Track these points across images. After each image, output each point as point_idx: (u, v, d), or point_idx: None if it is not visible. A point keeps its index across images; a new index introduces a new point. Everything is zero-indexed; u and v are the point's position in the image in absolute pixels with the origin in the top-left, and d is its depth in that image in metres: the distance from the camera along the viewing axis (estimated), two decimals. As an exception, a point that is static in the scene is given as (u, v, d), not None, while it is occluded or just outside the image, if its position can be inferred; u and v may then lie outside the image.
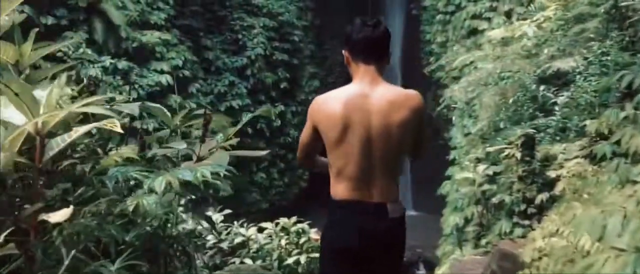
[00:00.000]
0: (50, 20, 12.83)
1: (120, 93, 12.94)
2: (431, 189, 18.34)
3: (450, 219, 10.84)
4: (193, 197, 8.98)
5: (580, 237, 3.68)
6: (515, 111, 10.27)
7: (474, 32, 16.98)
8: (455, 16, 18.11)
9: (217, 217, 7.99)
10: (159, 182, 2.50)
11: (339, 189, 2.80)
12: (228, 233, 7.86)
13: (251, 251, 7.66)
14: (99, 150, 3.61)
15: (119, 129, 2.92)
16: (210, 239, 7.63)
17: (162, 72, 14.03)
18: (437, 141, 20.28)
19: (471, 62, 14.72)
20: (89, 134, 3.52)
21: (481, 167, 7.82)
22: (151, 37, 13.94)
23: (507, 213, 7.09)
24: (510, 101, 9.65)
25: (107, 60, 13.01)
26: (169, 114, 3.87)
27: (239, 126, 4.17)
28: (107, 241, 2.70)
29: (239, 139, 4.54)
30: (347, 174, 2.76)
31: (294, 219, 8.04)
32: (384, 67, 2.87)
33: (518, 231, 6.82)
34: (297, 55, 19.03)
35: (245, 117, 4.50)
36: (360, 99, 2.74)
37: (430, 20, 19.97)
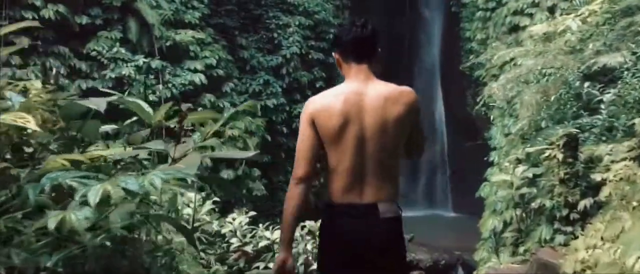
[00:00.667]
0: (84, 20, 12.77)
1: (154, 92, 12.80)
2: (471, 191, 17.85)
3: (488, 223, 10.31)
4: (217, 199, 8.70)
5: (630, 256, 3.18)
6: (558, 109, 9.68)
7: (515, 28, 16.29)
8: (496, 12, 17.45)
9: (242, 219, 7.70)
10: (94, 193, 2.07)
11: (332, 190, 2.80)
12: (253, 236, 7.55)
13: (276, 254, 7.30)
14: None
15: (33, 126, 2.54)
16: (234, 242, 7.34)
17: (195, 71, 13.82)
18: (477, 141, 19.64)
19: (511, 59, 14.12)
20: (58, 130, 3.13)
21: (520, 169, 7.26)
22: (185, 36, 13.75)
23: (548, 219, 6.57)
24: (552, 98, 9.07)
25: (140, 60, 12.87)
26: (149, 109, 3.48)
27: (218, 125, 3.77)
28: (22, 266, 2.21)
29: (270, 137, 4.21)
30: (341, 171, 2.76)
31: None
32: (377, 66, 2.89)
33: (559, 238, 6.30)
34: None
35: (227, 114, 4.10)
36: (356, 96, 2.75)
37: (470, 17, 19.33)
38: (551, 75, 9.97)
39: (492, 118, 15.41)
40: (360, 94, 2.76)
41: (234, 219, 7.65)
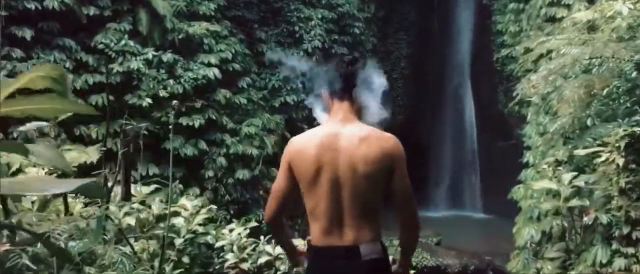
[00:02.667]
0: (92, 11, 11.78)
1: (165, 88, 11.75)
2: (502, 191, 16.73)
3: (524, 232, 8.97)
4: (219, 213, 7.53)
5: None
6: (606, 104, 8.29)
7: (551, 20, 14.85)
8: (530, 4, 16.08)
9: (240, 231, 6.51)
10: None
11: (313, 233, 2.73)
12: (253, 249, 6.34)
13: (278, 272, 6.13)
14: None
15: None
16: (230, 258, 6.15)
17: (209, 65, 12.71)
18: (509, 140, 18.26)
19: (549, 52, 12.75)
20: None
21: (566, 176, 5.89)
22: (198, 28, 12.66)
23: (604, 237, 5.24)
24: (604, 92, 7.68)
25: (150, 53, 11.81)
26: None
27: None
28: None
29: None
30: (318, 214, 2.67)
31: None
32: (360, 106, 2.80)
33: (619, 262, 4.99)
34: (358, 48, 17.30)
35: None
36: (331, 138, 2.68)
37: (502, 10, 17.91)
38: (598, 66, 8.58)
39: (527, 115, 13.98)
40: (335, 135, 2.68)
41: (231, 230, 6.45)
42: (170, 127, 11.93)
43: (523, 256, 9.18)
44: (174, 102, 6.59)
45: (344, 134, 2.66)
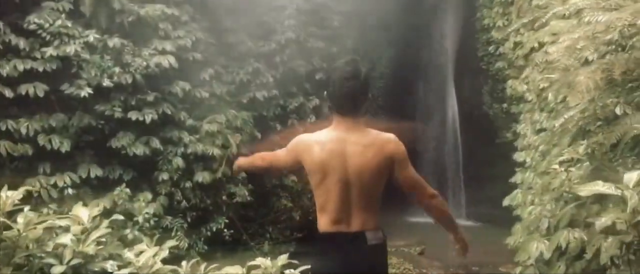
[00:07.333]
0: (26, -13, 9.63)
1: (110, 76, 9.60)
2: (487, 197, 15.30)
3: (531, 247, 6.95)
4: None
5: None
6: (631, 89, 6.43)
7: (540, 15, 12.95)
8: (519, -5, 14.17)
9: (152, 253, 4.41)
10: None
11: (322, 222, 2.89)
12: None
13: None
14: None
15: None
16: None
17: (164, 52, 10.60)
18: (497, 140, 16.45)
19: (540, 45, 10.97)
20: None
21: (630, 175, 3.84)
22: (151, 10, 10.53)
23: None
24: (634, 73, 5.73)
25: (92, 35, 9.67)
26: None
27: None
28: None
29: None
30: (328, 209, 2.86)
31: (283, 259, 4.38)
32: (364, 113, 2.91)
33: None
34: (337, 43, 15.26)
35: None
36: (338, 144, 2.84)
37: (488, 4, 16.01)
38: (613, 47, 6.66)
39: (521, 114, 12.13)
40: (342, 141, 2.84)
41: (140, 253, 4.36)
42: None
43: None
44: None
45: (349, 142, 2.83)
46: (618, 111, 5.95)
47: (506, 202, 9.73)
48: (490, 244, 13.25)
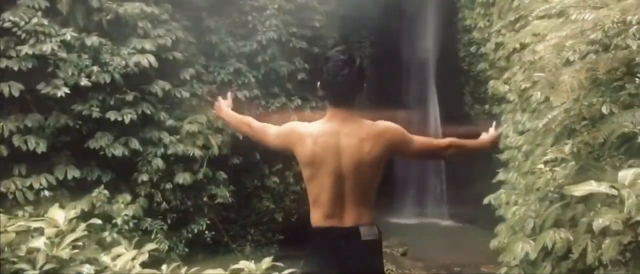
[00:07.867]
0: (0, -16, 9.34)
1: (88, 76, 9.34)
2: (469, 197, 15.27)
3: (517, 248, 6.88)
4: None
5: None
6: (618, 87, 6.40)
7: (526, 13, 12.96)
8: (501, -4, 14.18)
9: (130, 257, 4.22)
10: None
11: (315, 217, 2.79)
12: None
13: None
14: None
15: None
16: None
17: (143, 51, 10.36)
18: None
19: (522, 46, 10.97)
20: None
21: (624, 173, 3.73)
22: (130, 8, 10.29)
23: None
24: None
25: (69, 34, 9.41)
26: None
27: None
28: None
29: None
30: (321, 202, 2.76)
31: (267, 262, 4.22)
32: (358, 105, 2.79)
33: None
34: (318, 43, 15.10)
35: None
36: (331, 137, 2.72)
37: (470, 5, 16.01)
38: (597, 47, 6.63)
39: (502, 115, 12.13)
40: (336, 133, 2.72)
41: (117, 256, 4.18)
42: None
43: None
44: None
45: (344, 132, 2.71)
46: (604, 109, 5.90)
47: (487, 200, 9.67)
48: (472, 244, 13.27)
